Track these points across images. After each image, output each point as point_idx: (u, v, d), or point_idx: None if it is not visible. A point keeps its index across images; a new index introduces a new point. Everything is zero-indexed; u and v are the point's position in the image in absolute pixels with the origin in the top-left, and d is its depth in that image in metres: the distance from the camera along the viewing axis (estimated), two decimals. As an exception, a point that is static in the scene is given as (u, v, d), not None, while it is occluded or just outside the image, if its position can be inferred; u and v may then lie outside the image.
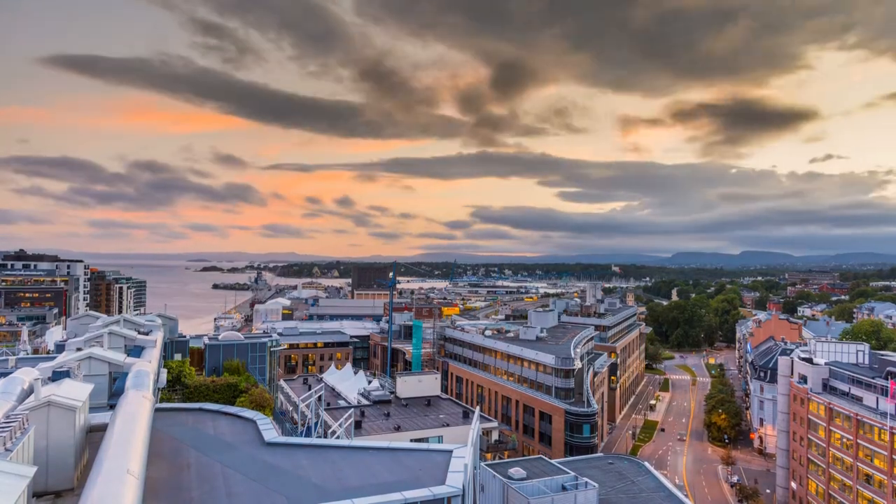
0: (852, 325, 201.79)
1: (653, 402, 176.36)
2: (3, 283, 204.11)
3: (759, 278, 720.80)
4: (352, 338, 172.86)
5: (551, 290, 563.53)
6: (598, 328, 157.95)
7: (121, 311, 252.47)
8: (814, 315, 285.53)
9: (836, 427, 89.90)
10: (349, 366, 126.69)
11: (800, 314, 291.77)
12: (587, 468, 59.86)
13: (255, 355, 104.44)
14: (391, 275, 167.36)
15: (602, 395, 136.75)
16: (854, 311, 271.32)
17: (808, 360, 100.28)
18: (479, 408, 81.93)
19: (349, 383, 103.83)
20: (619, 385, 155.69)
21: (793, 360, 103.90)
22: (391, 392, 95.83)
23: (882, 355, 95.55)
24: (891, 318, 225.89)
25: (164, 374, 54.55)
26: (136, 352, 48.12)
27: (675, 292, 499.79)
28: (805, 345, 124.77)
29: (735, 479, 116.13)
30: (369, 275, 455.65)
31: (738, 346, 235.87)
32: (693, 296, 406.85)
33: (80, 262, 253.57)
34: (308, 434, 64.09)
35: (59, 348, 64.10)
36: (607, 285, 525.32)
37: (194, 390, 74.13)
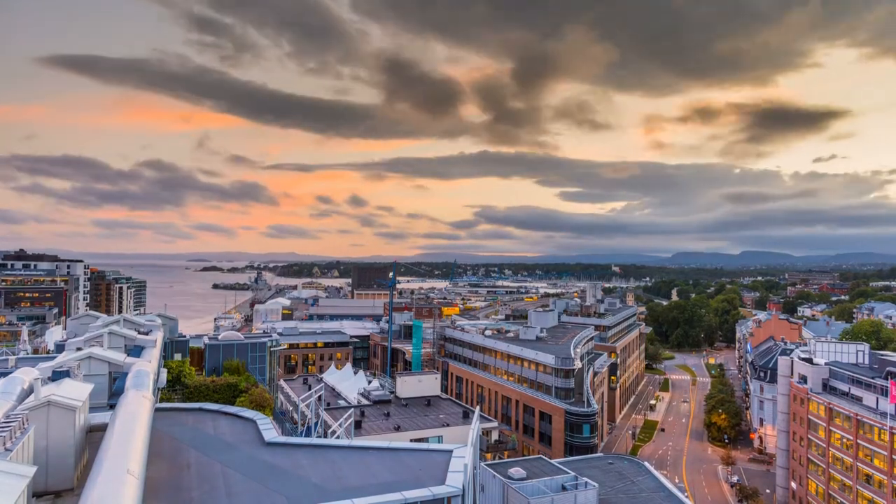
0: (852, 325, 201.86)
1: (653, 402, 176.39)
2: (3, 283, 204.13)
3: (759, 278, 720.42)
4: (352, 338, 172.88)
5: (551, 290, 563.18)
6: (598, 328, 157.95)
7: (121, 311, 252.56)
8: (814, 315, 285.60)
9: (836, 427, 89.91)
10: (349, 366, 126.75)
11: (800, 314, 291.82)
12: (587, 468, 59.90)
13: (255, 355, 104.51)
14: (391, 275, 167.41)
15: (602, 395, 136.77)
16: (854, 311, 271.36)
17: (808, 360, 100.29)
18: (479, 408, 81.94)
19: (349, 383, 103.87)
20: (619, 385, 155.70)
21: (793, 360, 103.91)
22: (391, 392, 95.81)
23: (882, 355, 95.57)
24: (891, 318, 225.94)
25: (164, 374, 54.53)
26: (136, 352, 48.12)
27: (675, 292, 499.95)
28: (805, 345, 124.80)
29: (735, 479, 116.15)
30: (369, 275, 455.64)
31: (738, 346, 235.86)
32: (693, 296, 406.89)
33: (80, 261, 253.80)
34: (308, 434, 64.13)
35: (59, 348, 64.05)
36: (607, 285, 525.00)
37: (194, 390, 74.17)
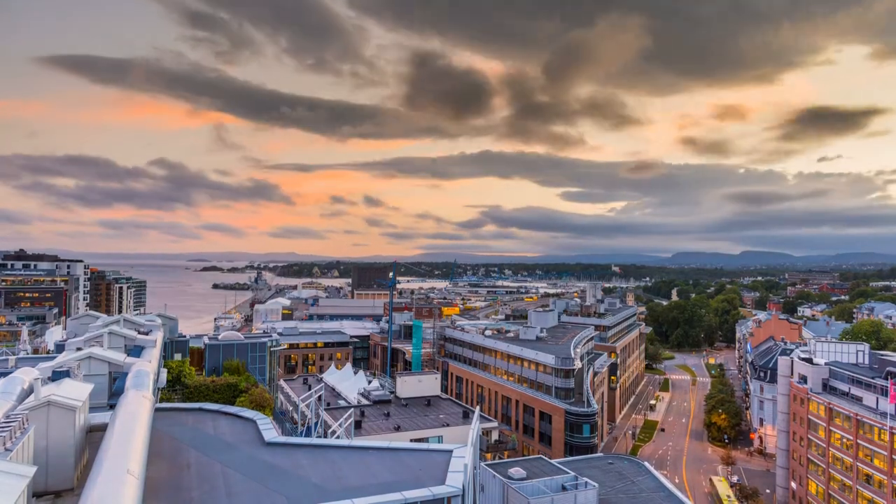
0: (852, 325, 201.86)
1: (653, 402, 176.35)
2: (3, 283, 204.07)
3: (759, 278, 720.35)
4: (352, 338, 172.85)
5: (551, 290, 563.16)
6: (598, 328, 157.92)
7: (121, 311, 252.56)
8: (814, 315, 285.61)
9: (836, 427, 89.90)
10: (349, 366, 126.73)
11: (800, 314, 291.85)
12: (587, 468, 59.87)
13: (255, 355, 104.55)
14: (391, 275, 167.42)
15: (602, 395, 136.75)
16: (854, 311, 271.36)
17: (808, 360, 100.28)
18: (479, 408, 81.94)
19: (349, 383, 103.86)
20: (619, 385, 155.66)
21: (793, 360, 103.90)
22: (391, 392, 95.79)
23: (882, 355, 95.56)
24: (891, 318, 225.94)
25: (164, 374, 54.53)
26: (136, 352, 48.11)
27: (675, 292, 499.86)
28: (805, 345, 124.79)
29: (735, 479, 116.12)
30: (369, 275, 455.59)
31: (738, 346, 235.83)
32: (693, 296, 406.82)
33: (80, 261, 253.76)
34: (308, 434, 64.12)
35: (59, 348, 64.05)
36: (607, 285, 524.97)
37: (194, 390, 74.19)
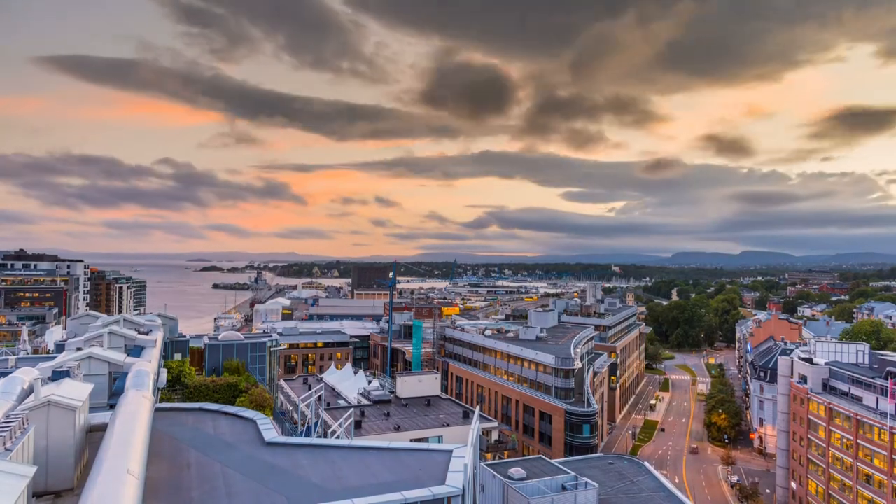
0: (852, 325, 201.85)
1: (653, 402, 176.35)
2: (3, 283, 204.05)
3: (759, 278, 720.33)
4: (352, 338, 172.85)
5: (551, 290, 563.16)
6: (598, 328, 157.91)
7: (121, 311, 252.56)
8: (814, 315, 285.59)
9: (836, 427, 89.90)
10: (349, 366, 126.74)
11: (800, 314, 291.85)
12: (587, 468, 59.87)
13: (255, 355, 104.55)
14: (391, 275, 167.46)
15: (602, 395, 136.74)
16: (854, 311, 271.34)
17: (808, 360, 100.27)
18: (479, 408, 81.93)
19: (349, 383, 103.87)
20: (619, 385, 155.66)
21: (793, 360, 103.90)
22: (391, 392, 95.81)
23: (882, 355, 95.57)
24: (891, 318, 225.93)
25: (164, 374, 54.54)
26: (136, 352, 48.12)
27: (675, 292, 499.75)
28: (805, 345, 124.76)
29: (735, 479, 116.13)
30: (369, 275, 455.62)
31: (738, 346, 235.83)
32: (693, 296, 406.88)
33: (80, 261, 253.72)
34: (308, 434, 64.11)
35: (59, 348, 64.06)
36: (607, 285, 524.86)
37: (194, 390, 74.20)
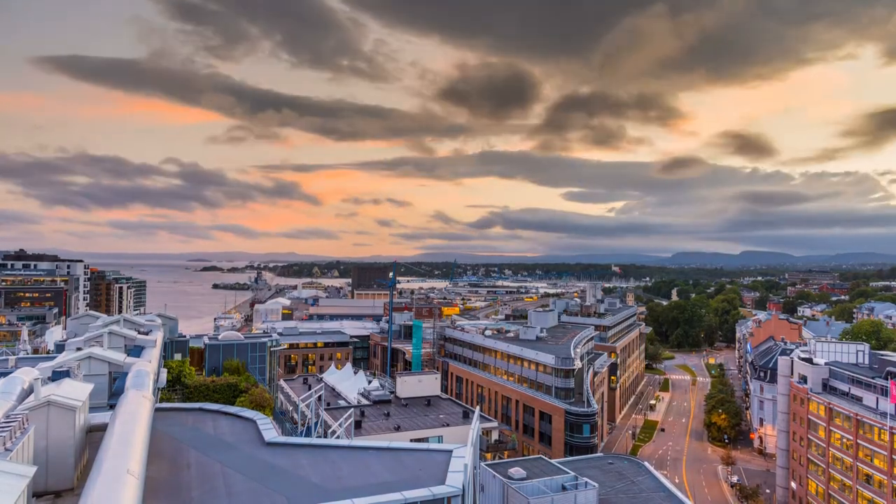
0: (852, 325, 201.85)
1: (653, 402, 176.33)
2: (3, 283, 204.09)
3: (759, 278, 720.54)
4: (352, 338, 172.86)
5: (551, 290, 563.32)
6: (598, 328, 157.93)
7: (121, 311, 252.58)
8: (814, 315, 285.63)
9: (836, 427, 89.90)
10: (349, 366, 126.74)
11: (800, 314, 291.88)
12: (587, 468, 59.87)
13: (255, 355, 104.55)
14: (391, 275, 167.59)
15: (602, 395, 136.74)
16: (854, 311, 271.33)
17: (808, 360, 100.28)
18: (479, 408, 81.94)
19: (349, 383, 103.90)
20: (619, 385, 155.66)
21: (793, 360, 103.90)
22: (391, 392, 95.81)
23: (882, 355, 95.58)
24: (891, 318, 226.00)
25: (164, 374, 54.53)
26: (136, 352, 48.11)
27: (675, 292, 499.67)
28: (805, 345, 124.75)
29: (735, 479, 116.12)
30: (369, 275, 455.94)
31: (738, 346, 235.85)
32: (693, 296, 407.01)
33: (80, 261, 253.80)
34: (308, 434, 64.09)
35: (59, 348, 64.08)
36: (607, 285, 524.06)
37: (194, 390, 74.21)
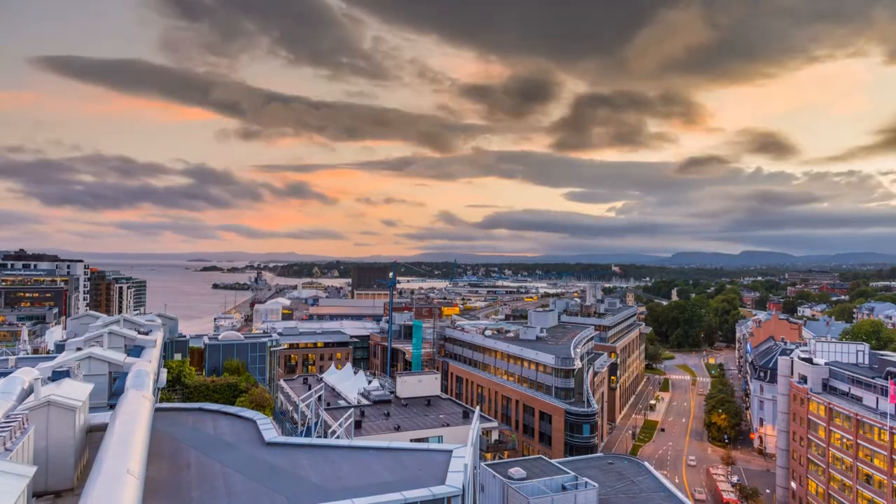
0: (852, 325, 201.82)
1: (653, 402, 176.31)
2: (3, 283, 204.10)
3: (759, 278, 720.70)
4: (352, 338, 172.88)
5: (551, 290, 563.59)
6: (598, 328, 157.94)
7: (121, 311, 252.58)
8: (814, 315, 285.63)
9: (836, 427, 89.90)
10: (349, 366, 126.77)
11: (800, 314, 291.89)
12: (587, 468, 59.90)
13: (255, 355, 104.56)
14: (391, 275, 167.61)
15: (602, 395, 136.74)
16: (854, 311, 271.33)
17: (808, 360, 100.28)
18: (479, 408, 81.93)
19: (349, 383, 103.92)
20: (619, 385, 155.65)
21: (793, 360, 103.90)
22: (391, 392, 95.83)
23: (882, 355, 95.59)
24: (891, 318, 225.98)
25: (164, 374, 54.50)
26: (136, 352, 48.09)
27: (675, 292, 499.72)
28: (805, 345, 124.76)
29: (735, 479, 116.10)
30: (369, 275, 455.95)
31: (738, 346, 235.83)
32: (693, 296, 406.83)
33: (80, 261, 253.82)
34: (308, 434, 64.11)
35: (59, 348, 64.07)
36: (607, 285, 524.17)
37: (194, 390, 74.21)
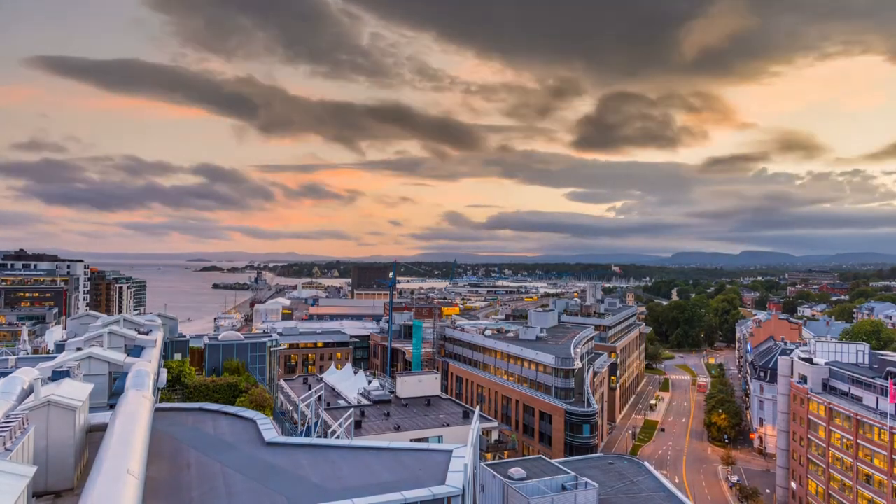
0: (852, 325, 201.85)
1: (653, 401, 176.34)
2: (3, 283, 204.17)
3: (759, 278, 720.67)
4: (352, 338, 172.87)
5: (551, 290, 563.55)
6: (598, 328, 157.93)
7: (121, 311, 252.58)
8: (814, 315, 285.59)
9: (836, 427, 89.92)
10: (349, 366, 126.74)
11: (800, 314, 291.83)
12: (587, 468, 59.87)
13: (255, 355, 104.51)
14: (391, 275, 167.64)
15: (602, 395, 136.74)
16: (854, 311, 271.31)
17: (808, 360, 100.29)
18: (479, 408, 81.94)
19: (349, 383, 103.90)
20: (619, 385, 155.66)
21: (793, 360, 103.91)
22: (391, 392, 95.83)
23: (882, 355, 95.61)
24: (891, 318, 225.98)
25: (164, 374, 54.50)
26: (136, 352, 48.09)
27: (675, 292, 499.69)
28: (805, 345, 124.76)
29: (735, 479, 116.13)
30: (369, 275, 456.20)
31: (738, 346, 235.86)
32: (693, 296, 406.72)
33: (80, 261, 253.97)
34: (308, 434, 64.08)
35: (59, 348, 64.03)
36: (607, 285, 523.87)
37: (194, 390, 74.18)
